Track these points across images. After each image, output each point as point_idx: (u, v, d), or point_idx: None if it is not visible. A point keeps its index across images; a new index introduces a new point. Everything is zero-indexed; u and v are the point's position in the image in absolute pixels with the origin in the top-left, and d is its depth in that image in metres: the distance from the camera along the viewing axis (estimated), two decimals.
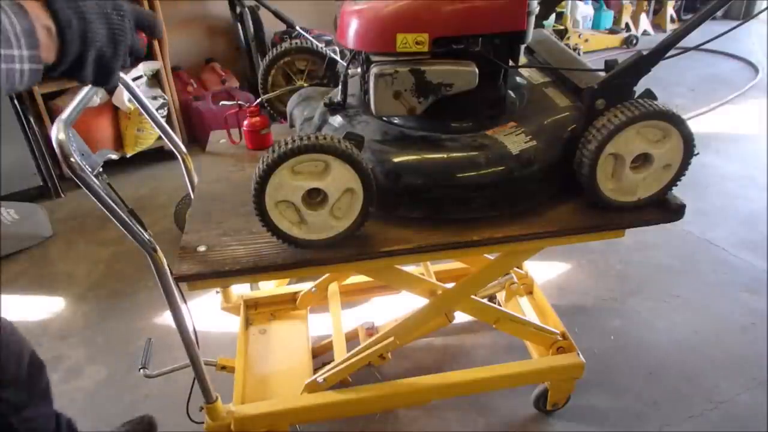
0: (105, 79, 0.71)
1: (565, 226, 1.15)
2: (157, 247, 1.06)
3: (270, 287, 1.91)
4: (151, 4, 2.99)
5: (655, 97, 1.09)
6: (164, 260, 1.07)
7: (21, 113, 2.73)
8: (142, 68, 3.02)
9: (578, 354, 1.54)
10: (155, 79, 3.17)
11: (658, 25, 5.66)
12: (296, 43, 1.47)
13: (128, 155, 3.13)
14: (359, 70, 1.26)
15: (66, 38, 0.62)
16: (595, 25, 5.29)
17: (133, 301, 2.17)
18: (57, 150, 0.93)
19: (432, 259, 1.56)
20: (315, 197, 1.04)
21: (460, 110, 1.18)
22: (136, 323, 2.09)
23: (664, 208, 1.18)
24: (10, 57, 0.58)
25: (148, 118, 1.36)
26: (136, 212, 1.05)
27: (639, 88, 1.11)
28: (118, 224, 1.02)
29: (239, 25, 3.27)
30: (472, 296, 1.47)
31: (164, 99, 3.14)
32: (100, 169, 1.02)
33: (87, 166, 0.96)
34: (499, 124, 1.18)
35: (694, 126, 1.11)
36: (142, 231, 1.04)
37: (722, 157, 3.11)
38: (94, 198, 1.00)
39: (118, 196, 1.02)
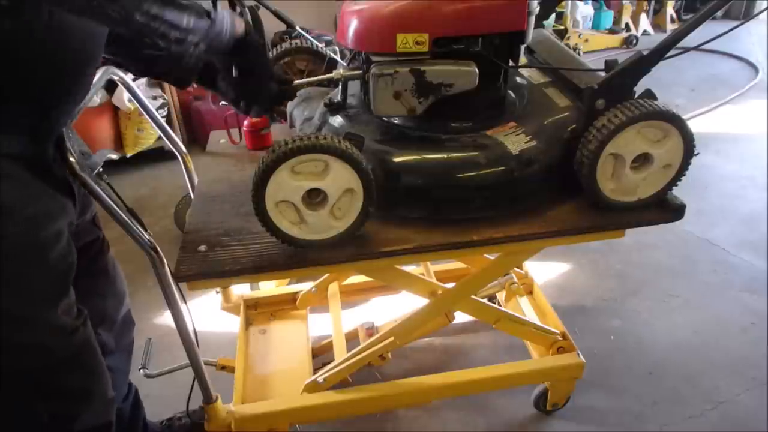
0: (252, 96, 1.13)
1: (565, 226, 1.15)
2: (157, 247, 1.06)
3: (270, 287, 1.91)
4: None
5: (655, 97, 1.09)
6: (164, 260, 1.07)
7: None
8: None
9: (578, 354, 1.54)
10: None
11: (658, 25, 5.66)
12: (296, 43, 1.47)
13: (128, 155, 3.13)
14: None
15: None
16: (595, 25, 5.29)
17: (133, 301, 2.14)
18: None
19: (432, 259, 1.57)
20: (315, 197, 1.04)
21: (460, 110, 1.18)
22: (136, 323, 2.08)
23: (664, 208, 1.18)
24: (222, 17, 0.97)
25: (148, 118, 1.36)
26: (136, 212, 1.05)
27: (639, 88, 1.11)
28: (118, 224, 1.02)
29: None
30: (472, 296, 1.47)
31: (164, 99, 3.13)
32: (100, 169, 1.02)
33: (87, 166, 0.97)
34: (499, 124, 1.18)
35: (694, 126, 1.11)
36: (142, 231, 1.04)
37: (722, 157, 3.11)
38: (93, 198, 1.00)
39: (118, 196, 1.02)
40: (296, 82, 1.21)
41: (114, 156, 3.05)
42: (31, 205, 0.91)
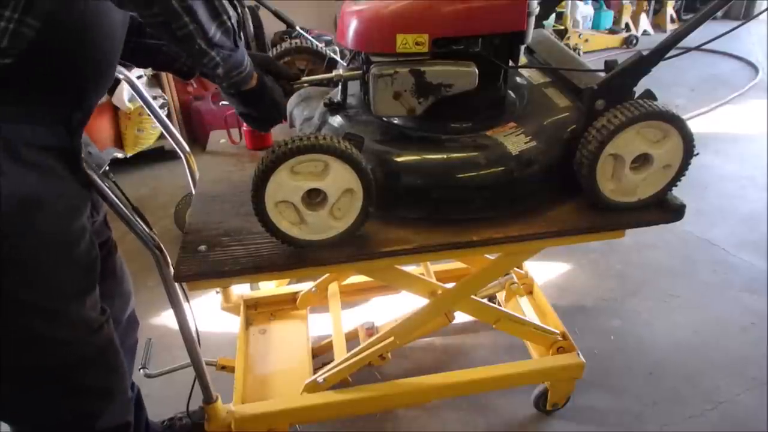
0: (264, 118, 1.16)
1: (565, 226, 1.15)
2: (162, 246, 1.06)
3: (270, 287, 1.91)
4: None
5: (655, 98, 1.09)
6: (168, 259, 1.07)
7: None
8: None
9: (578, 354, 1.54)
10: (155, 79, 3.17)
11: (658, 25, 5.66)
12: (296, 43, 1.48)
13: (128, 155, 3.13)
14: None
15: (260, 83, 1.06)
16: (595, 25, 5.29)
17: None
18: None
19: (432, 259, 1.57)
20: (315, 197, 1.04)
21: (460, 111, 1.18)
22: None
23: (664, 209, 1.18)
24: (243, 53, 0.97)
25: (152, 116, 1.37)
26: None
27: (639, 88, 1.11)
28: (124, 222, 1.02)
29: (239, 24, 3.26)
30: (472, 296, 1.47)
31: (164, 99, 3.13)
32: (107, 168, 1.03)
33: (94, 164, 0.97)
34: (499, 125, 1.18)
35: (694, 126, 1.11)
36: (148, 230, 1.05)
37: (722, 157, 3.11)
38: (100, 195, 1.00)
39: (123, 195, 1.03)
40: (296, 82, 1.22)
41: (120, 155, 3.06)
42: (62, 199, 0.92)
